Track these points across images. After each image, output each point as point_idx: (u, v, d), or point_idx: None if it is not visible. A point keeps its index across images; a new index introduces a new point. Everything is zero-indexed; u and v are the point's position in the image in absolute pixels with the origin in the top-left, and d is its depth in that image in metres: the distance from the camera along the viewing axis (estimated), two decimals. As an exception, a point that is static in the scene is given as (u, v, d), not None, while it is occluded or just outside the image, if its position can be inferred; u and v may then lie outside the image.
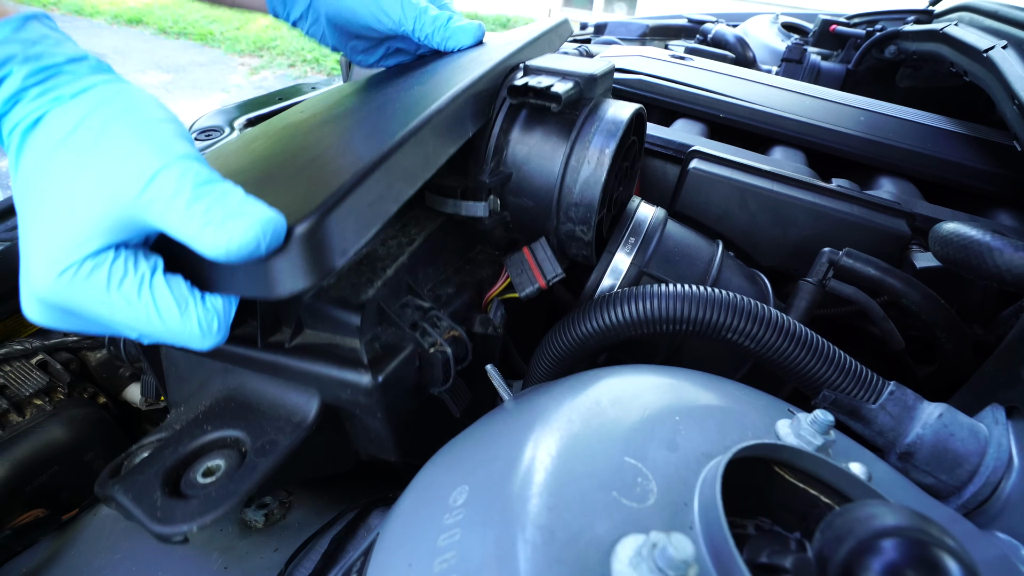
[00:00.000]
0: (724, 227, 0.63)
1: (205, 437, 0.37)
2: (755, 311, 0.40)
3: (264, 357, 0.40)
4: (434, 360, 0.42)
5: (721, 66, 0.90)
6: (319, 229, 0.28)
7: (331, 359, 0.39)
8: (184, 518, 0.31)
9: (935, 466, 0.37)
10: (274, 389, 0.40)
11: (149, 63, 4.76)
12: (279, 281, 0.28)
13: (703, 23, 1.40)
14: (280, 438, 0.36)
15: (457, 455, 0.32)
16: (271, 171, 0.36)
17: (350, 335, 0.39)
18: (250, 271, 0.28)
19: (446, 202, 0.47)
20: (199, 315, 0.30)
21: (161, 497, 0.33)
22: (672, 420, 0.29)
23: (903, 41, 1.09)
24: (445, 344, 0.42)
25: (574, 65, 0.48)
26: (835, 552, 0.19)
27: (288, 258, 0.28)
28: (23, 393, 0.56)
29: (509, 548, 0.22)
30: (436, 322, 0.43)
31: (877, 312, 0.53)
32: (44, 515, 0.51)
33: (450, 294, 0.47)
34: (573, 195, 0.45)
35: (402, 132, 0.34)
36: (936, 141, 0.73)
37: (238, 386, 0.41)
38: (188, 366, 0.45)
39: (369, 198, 0.31)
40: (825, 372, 0.40)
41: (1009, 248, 0.42)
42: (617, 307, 0.43)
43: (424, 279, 0.46)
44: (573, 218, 0.46)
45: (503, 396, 0.39)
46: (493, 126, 0.46)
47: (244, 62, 5.06)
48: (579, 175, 0.45)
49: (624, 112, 0.47)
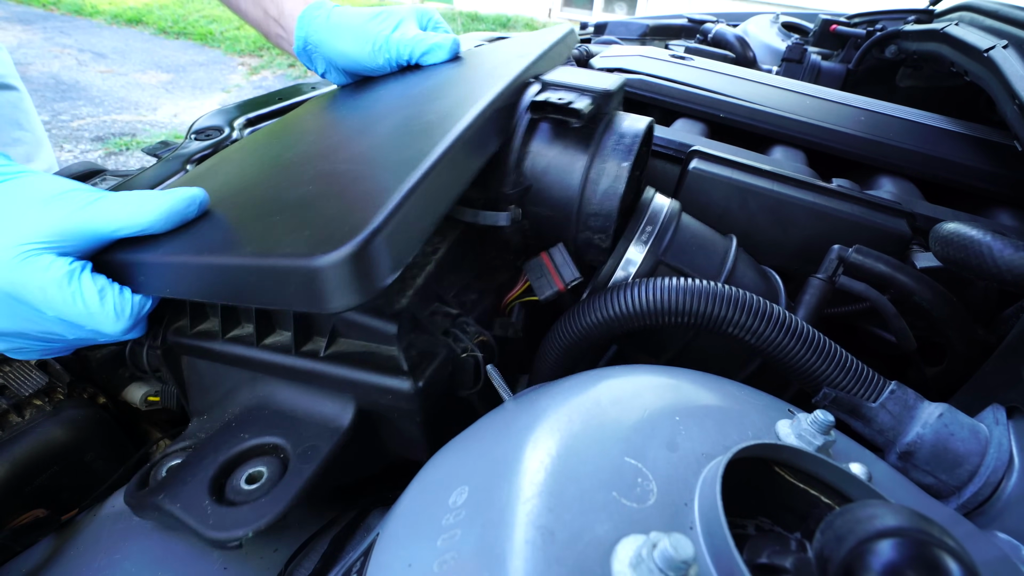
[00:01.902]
0: (724, 227, 0.63)
1: (243, 444, 0.38)
2: (756, 306, 0.40)
3: (300, 365, 0.41)
4: (466, 364, 0.43)
5: (721, 66, 0.90)
6: (370, 249, 0.29)
7: (370, 366, 0.40)
8: (237, 524, 0.33)
9: (935, 466, 0.37)
10: (307, 397, 0.41)
11: (149, 63, 4.76)
12: (332, 298, 0.29)
13: (703, 23, 1.40)
14: (320, 443, 0.38)
15: (457, 455, 0.32)
16: (312, 189, 0.37)
17: (387, 343, 0.41)
18: (304, 288, 0.30)
19: (468, 212, 0.48)
20: (115, 302, 0.37)
21: (211, 504, 0.34)
22: (672, 420, 0.29)
23: (903, 41, 1.08)
24: (475, 349, 0.43)
25: (590, 80, 0.50)
26: (835, 552, 0.19)
27: (341, 277, 0.29)
28: (23, 393, 0.56)
29: (509, 548, 0.22)
30: (465, 328, 0.44)
31: (889, 309, 0.53)
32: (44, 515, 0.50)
33: (474, 300, 0.49)
34: (592, 206, 0.47)
35: (439, 150, 0.35)
36: (936, 141, 0.73)
37: (268, 395, 0.42)
38: (213, 376, 0.46)
39: (413, 216, 0.32)
40: (826, 369, 0.40)
41: (1009, 248, 0.42)
42: (618, 299, 0.43)
43: (449, 286, 0.48)
44: (592, 227, 0.48)
45: (503, 396, 0.39)
46: (514, 140, 0.48)
47: (244, 62, 5.06)
48: (599, 187, 0.47)
49: (639, 126, 0.49)
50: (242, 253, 0.33)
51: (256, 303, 0.34)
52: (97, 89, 4.10)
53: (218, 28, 5.62)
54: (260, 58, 5.13)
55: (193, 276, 0.35)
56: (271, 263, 0.31)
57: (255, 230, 0.35)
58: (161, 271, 0.37)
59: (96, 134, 3.45)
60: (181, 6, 6.20)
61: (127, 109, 3.86)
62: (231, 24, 5.69)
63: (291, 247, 0.31)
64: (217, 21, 5.78)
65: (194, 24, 5.71)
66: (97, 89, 4.10)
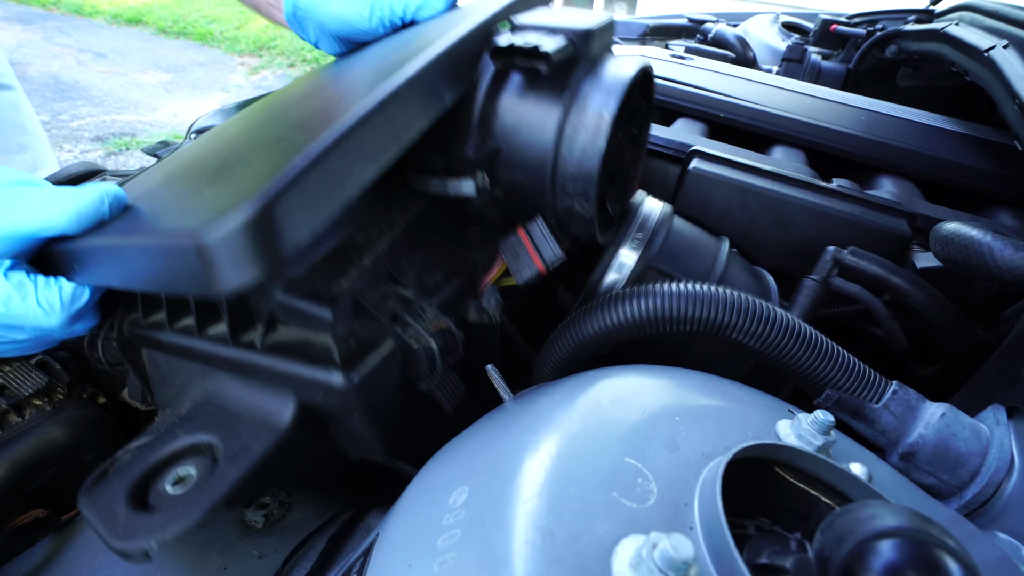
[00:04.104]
0: (724, 227, 0.63)
1: (177, 443, 0.36)
2: (760, 311, 0.40)
3: (236, 356, 0.37)
4: (418, 356, 0.39)
5: (721, 66, 0.90)
6: (264, 217, 0.25)
7: (303, 357, 0.36)
8: (145, 532, 0.30)
9: (937, 466, 0.37)
10: (250, 392, 0.38)
11: (149, 63, 4.76)
12: (221, 276, 0.26)
13: (703, 23, 1.40)
14: (253, 443, 0.35)
15: (457, 455, 0.32)
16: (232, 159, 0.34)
17: (323, 331, 0.36)
18: (184, 267, 0.26)
19: (429, 181, 0.42)
20: (38, 297, 0.35)
21: (126, 511, 0.31)
22: (672, 420, 0.29)
23: (904, 41, 1.08)
24: (429, 337, 0.39)
25: (566, 19, 0.42)
26: (836, 552, 0.19)
27: (229, 250, 0.25)
28: (22, 393, 0.56)
29: (509, 549, 0.22)
30: (419, 313, 0.40)
31: (881, 311, 0.53)
32: (44, 515, 0.50)
33: (439, 281, 0.43)
34: (570, 166, 0.40)
35: (365, 106, 0.31)
36: (937, 141, 0.73)
37: (215, 389, 0.39)
38: (169, 368, 0.43)
39: (326, 180, 0.28)
40: (829, 372, 0.40)
41: (1010, 248, 0.42)
42: (622, 307, 0.42)
43: (409, 267, 0.42)
44: (571, 192, 0.41)
45: (503, 396, 0.39)
46: (476, 94, 0.41)
47: (244, 62, 5.05)
48: (575, 143, 0.40)
49: (627, 69, 0.41)
50: (137, 232, 0.31)
51: (158, 287, 0.31)
52: (97, 89, 4.09)
53: (218, 28, 5.62)
54: (260, 58, 5.13)
55: (105, 259, 0.34)
56: (156, 242, 0.28)
57: (170, 208, 0.33)
58: (81, 257, 0.35)
59: (96, 134, 3.45)
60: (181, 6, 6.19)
61: (127, 109, 3.85)
62: (231, 24, 5.69)
63: (181, 222, 0.28)
64: (217, 21, 5.78)
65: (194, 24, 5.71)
66: (97, 89, 4.09)
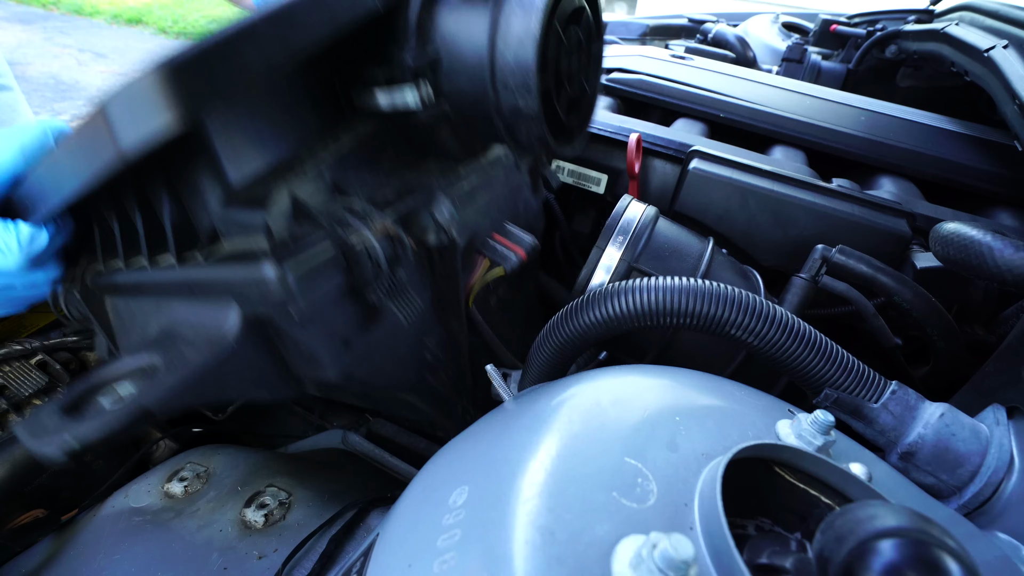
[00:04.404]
0: (724, 227, 0.63)
1: (120, 365, 0.36)
2: (761, 308, 0.40)
3: (182, 276, 0.38)
4: (361, 258, 0.38)
5: (721, 66, 0.90)
6: (176, 63, 0.27)
7: (242, 261, 0.36)
8: (67, 431, 0.30)
9: (936, 466, 0.37)
10: (196, 311, 0.38)
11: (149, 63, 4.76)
12: (131, 124, 0.27)
13: (703, 23, 1.40)
14: (192, 355, 0.34)
15: (457, 455, 0.32)
16: None
17: (259, 234, 0.36)
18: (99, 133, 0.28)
19: (372, 93, 0.41)
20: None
21: (56, 421, 0.32)
22: (672, 420, 0.29)
23: (904, 41, 1.08)
24: (375, 240, 0.38)
25: None
26: (836, 552, 0.19)
27: (139, 91, 0.27)
28: (23, 393, 0.56)
29: (509, 549, 0.22)
30: (365, 218, 0.38)
31: (868, 309, 0.54)
32: (44, 515, 0.50)
33: (390, 199, 0.42)
34: (507, 57, 0.39)
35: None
36: (937, 141, 0.73)
37: (168, 319, 0.40)
38: (128, 312, 0.43)
39: (249, 45, 0.31)
40: (828, 371, 0.39)
41: (1010, 248, 0.42)
42: (620, 299, 0.42)
43: (359, 183, 0.41)
44: (512, 87, 0.39)
45: (503, 396, 0.39)
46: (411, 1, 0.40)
47: (244, 62, 5.05)
48: (510, 33, 0.38)
49: None
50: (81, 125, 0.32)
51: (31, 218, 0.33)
52: (97, 89, 4.10)
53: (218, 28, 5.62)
54: (260, 58, 5.12)
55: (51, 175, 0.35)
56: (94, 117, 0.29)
57: None
58: (32, 192, 0.36)
59: (96, 134, 3.45)
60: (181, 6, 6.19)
61: (127, 109, 3.86)
62: (231, 24, 5.69)
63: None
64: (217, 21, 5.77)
65: (194, 24, 5.71)
66: (97, 89, 4.10)
